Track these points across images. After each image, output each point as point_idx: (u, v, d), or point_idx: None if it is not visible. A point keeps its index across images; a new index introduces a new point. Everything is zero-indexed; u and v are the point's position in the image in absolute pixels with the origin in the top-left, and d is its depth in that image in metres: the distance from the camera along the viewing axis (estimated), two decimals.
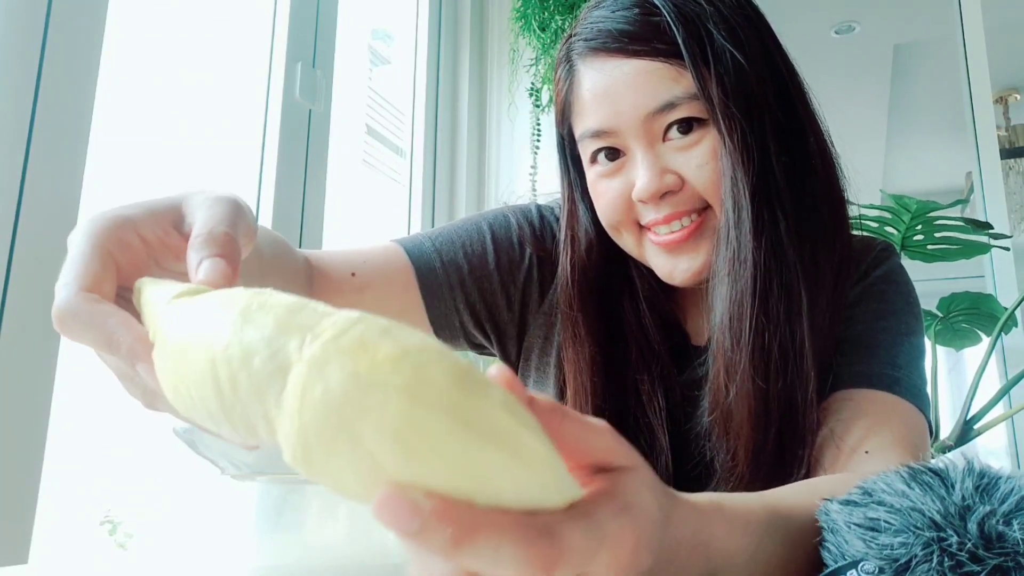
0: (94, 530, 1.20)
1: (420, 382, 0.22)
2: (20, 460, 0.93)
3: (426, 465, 0.22)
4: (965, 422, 1.64)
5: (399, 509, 0.22)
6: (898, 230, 1.69)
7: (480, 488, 0.22)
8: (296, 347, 0.23)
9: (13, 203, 0.96)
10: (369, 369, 0.22)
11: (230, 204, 0.37)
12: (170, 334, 0.28)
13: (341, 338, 0.23)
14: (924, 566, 0.33)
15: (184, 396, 0.26)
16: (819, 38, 3.02)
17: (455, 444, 0.21)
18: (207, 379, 0.25)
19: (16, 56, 0.99)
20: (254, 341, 0.24)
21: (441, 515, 0.22)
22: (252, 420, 0.24)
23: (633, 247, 0.71)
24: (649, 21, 0.66)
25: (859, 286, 0.73)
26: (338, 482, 0.23)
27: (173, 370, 0.27)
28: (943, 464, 0.38)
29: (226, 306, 0.26)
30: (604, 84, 0.67)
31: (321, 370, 0.22)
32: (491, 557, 0.23)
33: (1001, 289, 2.07)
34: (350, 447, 0.22)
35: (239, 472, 0.40)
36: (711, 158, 0.65)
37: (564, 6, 2.01)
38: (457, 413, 0.22)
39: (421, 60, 2.08)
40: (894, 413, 0.63)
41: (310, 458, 0.23)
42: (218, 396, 0.25)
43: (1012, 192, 2.76)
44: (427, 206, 2.01)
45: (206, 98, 1.48)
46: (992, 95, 2.26)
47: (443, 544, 0.22)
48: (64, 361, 0.99)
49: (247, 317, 0.25)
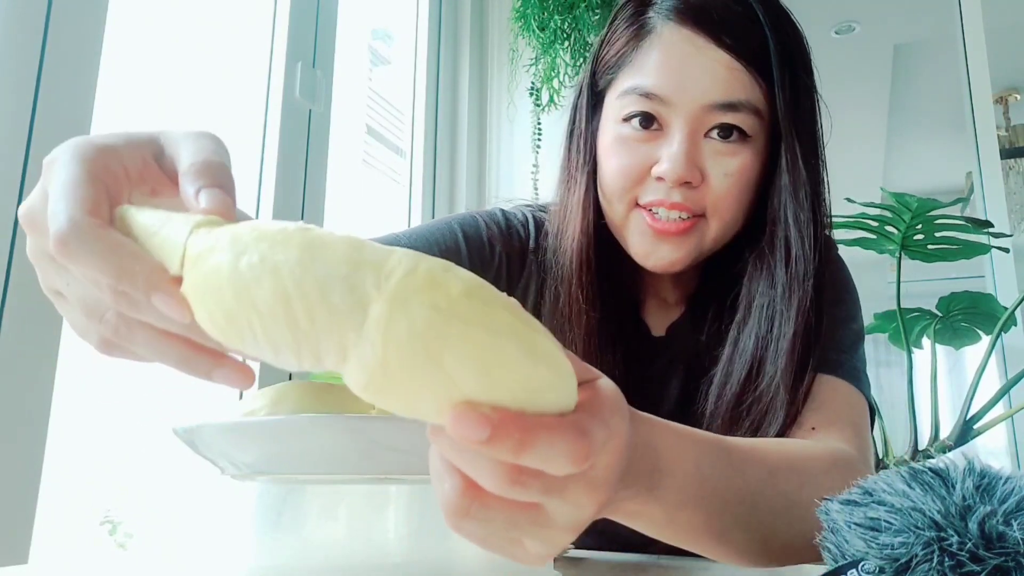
0: (94, 530, 1.20)
1: (490, 315, 0.26)
2: (20, 460, 0.93)
3: (497, 383, 0.26)
4: (965, 422, 1.64)
5: (474, 422, 0.25)
6: (898, 229, 1.69)
7: (532, 400, 0.27)
8: (373, 284, 0.25)
9: (13, 203, 0.96)
10: (448, 304, 0.25)
11: (214, 139, 0.37)
12: (217, 263, 0.28)
13: (413, 275, 0.26)
14: (924, 566, 0.33)
15: (241, 325, 0.27)
16: (819, 38, 3.02)
17: (523, 365, 0.26)
18: (279, 313, 0.26)
19: (16, 56, 0.99)
20: (329, 278, 0.26)
21: (509, 425, 0.26)
22: (322, 350, 0.26)
23: (618, 218, 0.72)
24: (747, 22, 0.67)
25: None
26: (410, 403, 0.26)
27: (228, 298, 0.27)
28: (944, 464, 0.38)
29: (276, 241, 0.27)
30: (683, 54, 0.68)
31: (404, 305, 0.25)
32: (546, 453, 0.27)
33: (1001, 289, 2.07)
34: (432, 371, 0.25)
35: (239, 472, 0.40)
36: (738, 171, 0.68)
37: (564, 6, 2.01)
38: (522, 340, 0.26)
39: (421, 60, 2.08)
40: (838, 394, 0.68)
41: (390, 382, 0.26)
42: (292, 328, 0.26)
43: (1012, 192, 2.76)
44: (427, 206, 2.01)
45: (206, 98, 1.48)
46: (992, 95, 2.26)
47: (510, 447, 0.26)
48: (64, 361, 0.99)
49: (312, 253, 0.26)
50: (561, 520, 0.31)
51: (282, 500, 0.37)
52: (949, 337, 1.94)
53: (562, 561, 0.61)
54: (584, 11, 2.00)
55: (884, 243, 1.74)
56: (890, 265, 1.87)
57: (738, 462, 0.49)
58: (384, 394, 0.26)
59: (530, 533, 0.31)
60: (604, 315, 0.75)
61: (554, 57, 2.01)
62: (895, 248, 1.74)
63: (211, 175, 0.34)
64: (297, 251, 0.26)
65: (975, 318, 1.87)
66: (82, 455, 1.18)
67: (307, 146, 1.54)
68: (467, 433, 0.26)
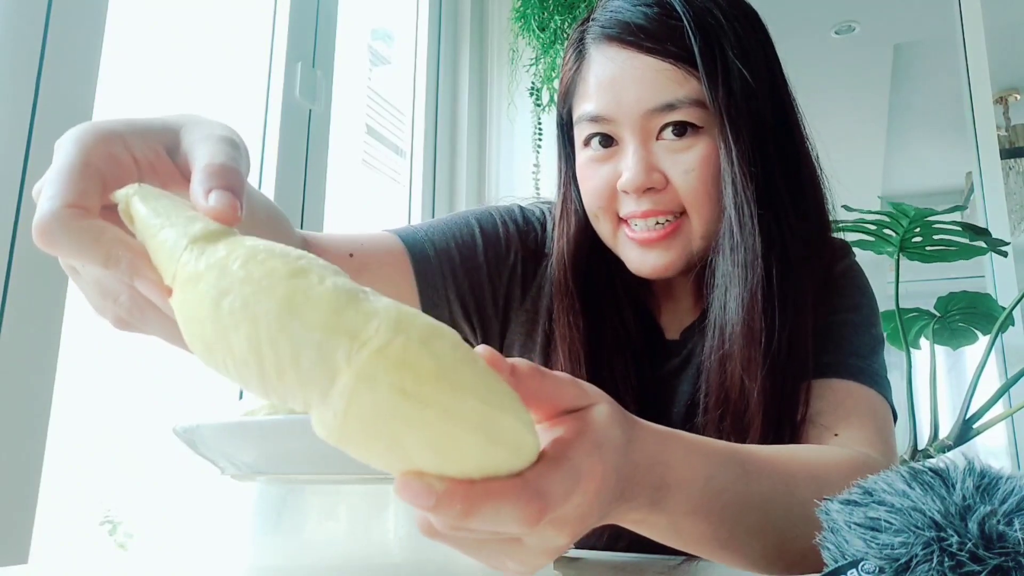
0: (94, 530, 1.20)
1: (456, 402, 0.26)
2: (20, 460, 0.93)
3: (452, 464, 0.27)
4: (964, 421, 1.65)
5: (419, 491, 0.27)
6: (897, 232, 1.69)
7: (483, 470, 0.28)
8: (344, 355, 0.26)
9: (13, 203, 0.96)
10: (415, 387, 0.25)
11: (232, 144, 0.37)
12: (201, 294, 0.28)
13: (385, 351, 0.26)
14: (924, 566, 0.33)
15: (217, 358, 0.28)
16: (819, 38, 3.02)
17: (478, 450, 0.27)
18: (251, 362, 0.27)
19: (16, 56, 0.99)
20: (302, 342, 0.26)
21: (452, 495, 0.27)
22: (288, 399, 0.27)
23: (608, 235, 0.74)
24: (667, 23, 0.68)
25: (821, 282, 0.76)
26: (365, 459, 0.27)
27: (208, 332, 0.28)
28: (944, 464, 0.38)
29: (261, 288, 0.27)
30: (612, 73, 0.70)
31: (369, 383, 0.25)
32: (493, 519, 0.28)
33: (1000, 289, 2.07)
34: (389, 447, 0.26)
35: (239, 472, 0.40)
36: (699, 165, 0.68)
37: (564, 6, 2.01)
38: (485, 427, 0.27)
39: (421, 60, 2.08)
40: (861, 399, 0.67)
41: (348, 444, 0.27)
42: (261, 378, 0.27)
43: (1012, 192, 2.76)
44: (427, 206, 2.01)
45: (206, 98, 1.48)
46: (992, 95, 2.26)
47: (455, 515, 0.28)
48: (64, 361, 0.99)
49: (292, 310, 0.26)
50: (535, 548, 0.32)
51: (282, 500, 0.37)
52: (947, 337, 1.94)
53: (562, 561, 0.61)
54: (584, 11, 2.00)
55: (882, 245, 1.75)
56: (888, 265, 1.87)
57: (753, 472, 0.49)
58: (342, 447, 0.27)
59: (506, 554, 0.32)
60: (610, 320, 0.76)
61: (554, 57, 2.01)
62: (893, 250, 1.74)
63: (222, 178, 0.34)
64: (277, 305, 0.27)
65: (973, 318, 1.88)
66: (82, 455, 1.18)
67: (307, 146, 1.54)
68: (413, 501, 0.27)
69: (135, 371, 1.26)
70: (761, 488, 0.49)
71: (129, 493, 1.26)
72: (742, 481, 0.47)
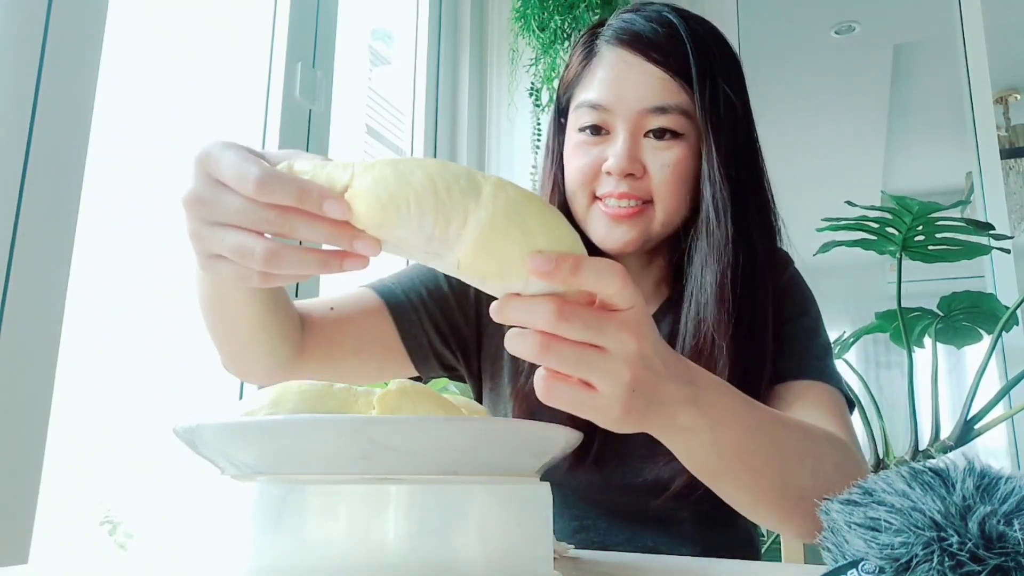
0: (94, 530, 1.20)
1: (550, 207, 0.43)
2: (20, 460, 0.93)
3: (558, 240, 0.41)
4: (966, 422, 1.64)
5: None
6: (899, 231, 1.69)
7: (574, 250, 0.42)
8: (482, 178, 0.41)
9: (13, 203, 0.96)
10: (525, 196, 0.41)
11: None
12: (381, 165, 0.41)
13: (499, 178, 0.42)
14: (925, 566, 0.33)
15: (398, 205, 0.40)
16: (819, 38, 3.02)
17: (571, 237, 0.42)
18: (427, 188, 0.40)
19: (16, 56, 0.99)
20: (457, 173, 0.41)
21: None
22: (452, 215, 0.40)
23: (581, 210, 0.85)
24: (672, 42, 0.81)
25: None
26: (502, 257, 0.40)
27: (392, 182, 0.40)
28: (944, 464, 0.38)
29: (414, 163, 0.41)
30: (619, 71, 0.82)
31: (502, 187, 0.41)
32: (595, 275, 0.42)
33: (1001, 289, 2.07)
34: (519, 226, 0.40)
35: (239, 472, 0.40)
36: (674, 163, 0.80)
37: (564, 6, 2.01)
38: (570, 229, 0.43)
39: (421, 60, 2.08)
40: (821, 395, 0.78)
41: (494, 235, 0.40)
42: (435, 199, 0.40)
43: (1012, 192, 2.76)
44: None
45: (206, 98, 1.48)
46: (992, 95, 2.26)
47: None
48: (64, 361, 0.99)
49: (443, 165, 0.41)
50: (616, 354, 0.43)
51: (282, 500, 0.37)
52: (950, 336, 1.94)
53: (562, 561, 0.61)
54: (584, 11, 2.00)
55: (885, 244, 1.75)
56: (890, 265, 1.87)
57: (763, 408, 0.58)
58: (486, 250, 0.40)
59: (597, 368, 0.43)
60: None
61: (554, 57, 2.01)
62: (896, 249, 1.74)
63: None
64: (434, 162, 0.41)
65: (976, 317, 1.87)
66: (82, 455, 1.18)
67: (307, 146, 1.54)
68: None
69: (135, 371, 1.26)
70: (773, 421, 0.58)
71: (129, 493, 1.26)
72: (757, 409, 0.57)
